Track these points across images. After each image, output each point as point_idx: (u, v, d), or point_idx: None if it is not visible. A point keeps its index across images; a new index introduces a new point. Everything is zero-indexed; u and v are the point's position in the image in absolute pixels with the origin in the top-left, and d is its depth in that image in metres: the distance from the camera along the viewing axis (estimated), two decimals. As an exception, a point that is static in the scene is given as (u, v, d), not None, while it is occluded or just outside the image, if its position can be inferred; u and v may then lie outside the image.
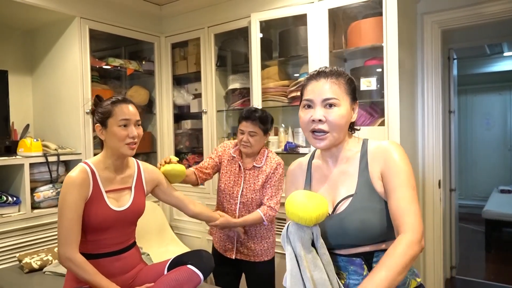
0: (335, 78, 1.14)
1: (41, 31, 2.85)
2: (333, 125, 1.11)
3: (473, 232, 5.22)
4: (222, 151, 2.18)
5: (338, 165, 1.19)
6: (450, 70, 3.35)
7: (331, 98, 1.11)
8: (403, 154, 1.11)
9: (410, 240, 0.97)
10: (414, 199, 1.04)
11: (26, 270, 2.06)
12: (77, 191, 1.46)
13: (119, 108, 1.53)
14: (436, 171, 2.66)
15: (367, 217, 1.08)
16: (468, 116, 6.58)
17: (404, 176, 1.07)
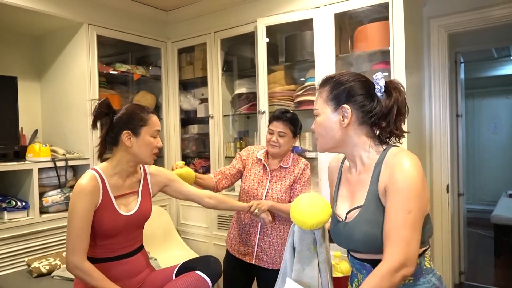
0: (322, 87, 1.19)
1: (49, 37, 2.88)
2: (316, 133, 1.19)
3: (481, 237, 5.16)
4: (246, 155, 2.17)
5: (358, 171, 1.18)
6: (457, 74, 3.34)
7: (314, 109, 1.19)
8: (408, 173, 1.03)
9: (384, 271, 0.98)
10: (404, 225, 0.99)
11: (34, 275, 2.07)
12: (87, 199, 1.46)
13: (154, 119, 1.59)
14: (444, 176, 2.64)
15: (371, 231, 1.08)
16: (476, 120, 6.53)
17: (401, 198, 1.01)
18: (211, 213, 3.00)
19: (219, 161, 2.97)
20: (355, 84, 1.13)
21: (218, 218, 2.99)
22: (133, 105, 1.61)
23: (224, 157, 2.97)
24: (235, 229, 2.15)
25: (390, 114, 1.12)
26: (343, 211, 1.18)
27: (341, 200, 1.22)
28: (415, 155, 1.09)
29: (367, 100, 1.13)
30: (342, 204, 1.21)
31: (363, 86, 1.14)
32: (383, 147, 1.15)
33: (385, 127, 1.14)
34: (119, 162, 1.57)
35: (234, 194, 2.90)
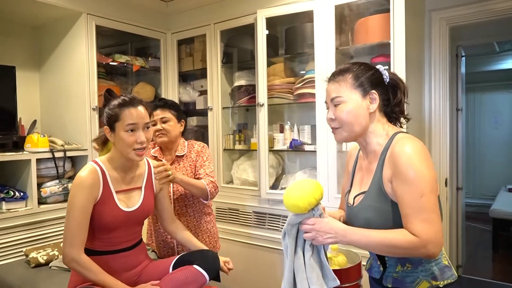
0: (340, 76, 1.20)
1: (48, 27, 2.86)
2: (342, 121, 1.17)
3: (480, 231, 5.18)
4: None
5: (368, 158, 1.23)
6: (458, 68, 3.32)
7: (335, 97, 1.18)
8: (417, 159, 1.06)
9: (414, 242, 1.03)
10: (424, 208, 1.03)
11: (32, 265, 2.08)
12: (87, 192, 1.45)
13: (127, 112, 1.48)
14: (443, 170, 2.63)
15: (371, 216, 1.14)
16: (476, 114, 6.51)
17: (412, 184, 1.04)
18: (209, 205, 3.00)
19: (218, 153, 2.97)
20: (376, 73, 1.20)
21: (217, 210, 2.99)
22: (114, 98, 1.53)
23: (223, 150, 2.97)
24: (154, 238, 2.14)
25: (401, 103, 1.22)
26: (352, 197, 1.26)
27: (354, 186, 1.29)
28: (417, 140, 1.13)
29: (385, 89, 1.21)
30: (354, 190, 1.27)
31: (379, 75, 1.21)
32: (388, 134, 1.19)
33: (399, 113, 1.23)
34: (115, 156, 1.56)
35: (233, 187, 2.91)
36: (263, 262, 2.74)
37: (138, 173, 1.65)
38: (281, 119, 2.93)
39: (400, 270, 1.15)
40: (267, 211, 2.71)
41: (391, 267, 1.18)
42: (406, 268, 1.15)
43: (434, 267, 1.14)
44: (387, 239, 1.05)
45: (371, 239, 1.07)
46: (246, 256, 2.81)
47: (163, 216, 1.77)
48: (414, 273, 1.14)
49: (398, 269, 1.16)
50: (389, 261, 1.19)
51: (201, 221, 2.11)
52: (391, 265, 1.18)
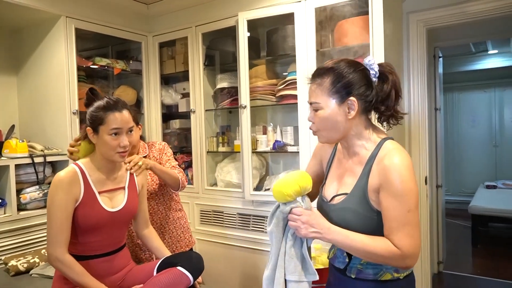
0: (319, 78, 1.16)
1: (26, 30, 2.81)
2: (319, 126, 1.17)
3: (460, 227, 5.31)
4: None
5: (350, 158, 1.21)
6: (436, 68, 3.40)
7: (313, 103, 1.16)
8: (406, 174, 1.06)
9: (394, 253, 1.05)
10: (409, 223, 1.05)
11: (12, 273, 2.03)
12: (66, 190, 1.45)
13: (112, 116, 1.48)
14: (422, 168, 2.69)
15: (351, 219, 1.14)
16: (454, 114, 6.68)
17: (401, 199, 1.05)
18: (193, 207, 2.99)
19: (201, 156, 2.96)
20: (356, 75, 1.13)
21: (201, 213, 2.98)
22: (99, 101, 1.52)
23: (206, 152, 2.97)
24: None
25: (389, 98, 1.14)
26: (330, 193, 1.23)
27: (330, 180, 1.26)
28: (405, 152, 1.12)
29: (368, 89, 1.13)
30: (330, 185, 1.25)
31: (363, 76, 1.13)
32: (378, 139, 1.16)
33: (384, 111, 1.16)
34: (97, 158, 1.56)
35: (217, 189, 2.91)
36: (248, 263, 2.75)
37: (120, 173, 1.64)
38: (264, 121, 2.95)
39: (365, 262, 1.17)
40: (251, 212, 2.72)
41: (357, 259, 1.19)
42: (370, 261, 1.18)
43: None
44: (369, 247, 1.07)
45: (355, 243, 1.09)
46: (231, 258, 2.81)
47: (138, 219, 1.75)
48: (378, 266, 1.16)
49: (363, 261, 1.18)
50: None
51: (173, 218, 2.15)
52: (356, 257, 1.19)
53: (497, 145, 6.38)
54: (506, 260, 3.97)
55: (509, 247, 4.41)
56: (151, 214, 2.07)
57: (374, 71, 1.14)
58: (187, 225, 2.23)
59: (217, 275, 2.87)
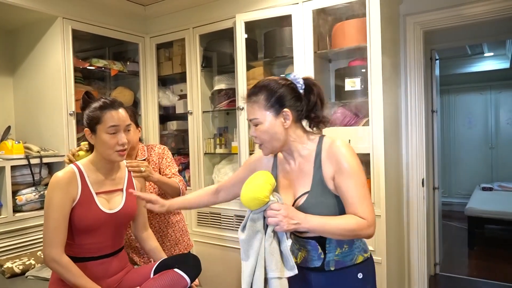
0: (254, 97, 1.29)
1: (22, 30, 2.80)
2: (261, 139, 1.29)
3: (456, 229, 5.32)
4: None
5: (296, 162, 1.34)
6: (433, 70, 3.41)
7: (253, 119, 1.29)
8: (353, 157, 1.25)
9: (362, 223, 1.20)
10: (366, 197, 1.23)
11: (7, 275, 2.01)
12: (63, 191, 1.44)
13: (108, 114, 1.48)
14: (419, 170, 2.70)
15: (322, 211, 1.25)
16: (451, 116, 6.70)
17: (356, 178, 1.22)
18: (190, 209, 2.99)
19: (199, 157, 2.96)
20: (286, 89, 1.28)
21: (198, 215, 2.98)
22: (94, 101, 1.53)
23: (203, 154, 2.96)
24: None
25: (316, 106, 1.30)
26: (289, 199, 1.33)
27: (282, 190, 1.36)
28: (346, 141, 1.30)
29: (298, 100, 1.29)
30: (284, 194, 1.34)
31: (291, 89, 1.28)
32: (314, 138, 1.32)
33: (314, 118, 1.32)
34: (96, 158, 1.55)
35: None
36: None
37: (119, 175, 1.63)
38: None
39: (340, 252, 1.30)
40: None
41: (331, 252, 1.30)
42: (344, 249, 1.30)
43: (361, 243, 1.35)
44: (343, 225, 1.20)
45: (329, 226, 1.20)
46: (228, 259, 2.81)
47: (137, 221, 1.74)
48: (351, 252, 1.31)
49: (338, 252, 1.30)
50: (328, 247, 1.31)
51: (172, 221, 2.13)
52: (331, 250, 1.30)
53: (493, 147, 6.41)
54: (502, 262, 3.98)
55: (505, 249, 4.43)
56: (150, 218, 2.05)
57: (300, 84, 1.29)
58: (186, 227, 2.23)
59: (214, 276, 2.86)
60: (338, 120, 2.47)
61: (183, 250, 2.15)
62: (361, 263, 1.32)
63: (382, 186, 2.24)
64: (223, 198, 1.61)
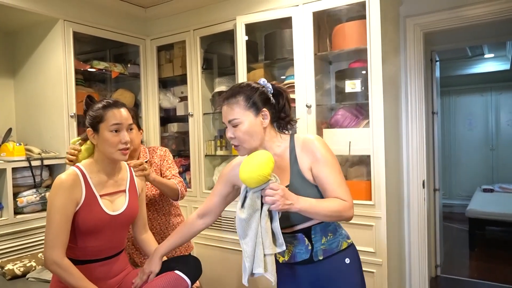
0: (233, 98, 1.35)
1: (23, 33, 2.81)
2: (241, 139, 1.33)
3: (457, 231, 5.31)
4: None
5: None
6: (433, 72, 3.41)
7: (233, 119, 1.33)
8: (326, 147, 1.36)
9: (345, 204, 1.30)
10: (343, 182, 1.33)
11: (8, 277, 2.02)
12: (66, 193, 1.44)
13: (111, 113, 1.50)
14: (420, 172, 2.70)
15: None
16: (451, 117, 6.70)
17: (332, 166, 1.32)
18: (191, 211, 2.99)
19: (199, 159, 2.96)
20: (262, 90, 1.37)
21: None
22: (97, 101, 1.56)
23: (204, 156, 2.96)
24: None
25: (285, 108, 1.41)
26: None
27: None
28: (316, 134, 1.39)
29: (271, 102, 1.38)
30: None
31: (265, 92, 1.38)
32: (285, 137, 1.41)
33: (284, 118, 1.42)
34: (98, 160, 1.56)
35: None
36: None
37: (120, 176, 1.64)
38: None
39: (326, 241, 1.37)
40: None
41: (318, 242, 1.36)
42: (329, 238, 1.38)
43: (343, 230, 1.44)
44: (329, 206, 1.27)
45: (318, 207, 1.26)
46: (229, 261, 2.81)
47: (137, 223, 1.74)
48: (335, 239, 1.39)
49: (324, 241, 1.37)
50: (314, 238, 1.37)
51: (172, 223, 2.13)
52: (317, 240, 1.37)
53: (494, 148, 6.41)
54: (503, 263, 3.97)
55: (506, 250, 4.42)
56: (151, 220, 2.06)
57: (269, 89, 1.39)
58: None
59: (215, 278, 2.86)
60: (338, 122, 2.48)
61: (183, 252, 2.15)
62: (346, 249, 1.40)
63: (383, 187, 2.24)
64: (210, 220, 1.59)
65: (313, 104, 2.42)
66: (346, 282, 1.38)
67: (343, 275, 1.38)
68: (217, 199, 1.56)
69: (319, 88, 2.54)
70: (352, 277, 1.39)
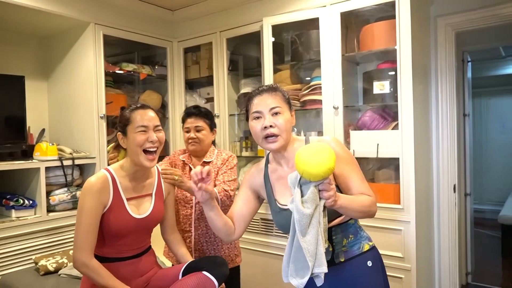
0: (273, 91, 1.37)
1: (56, 37, 2.90)
2: (281, 129, 1.32)
3: (488, 237, 5.12)
4: (173, 159, 2.10)
5: (290, 164, 1.38)
6: (464, 73, 3.31)
7: (275, 107, 1.33)
8: (343, 146, 1.37)
9: (372, 200, 1.31)
10: (363, 178, 1.35)
11: (42, 273, 2.09)
12: (96, 197, 1.47)
13: (137, 115, 1.54)
14: (451, 176, 2.62)
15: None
16: (483, 120, 6.48)
17: (352, 163, 1.34)
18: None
19: (225, 160, 2.97)
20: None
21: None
22: (125, 106, 1.61)
23: (229, 156, 2.97)
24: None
25: None
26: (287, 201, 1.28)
27: (281, 194, 1.39)
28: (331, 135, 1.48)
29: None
30: (284, 196, 1.37)
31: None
32: (301, 139, 1.41)
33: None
34: (127, 164, 1.59)
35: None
36: (271, 269, 2.73)
37: (149, 181, 1.66)
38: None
39: (347, 243, 1.35)
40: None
41: (339, 244, 1.35)
42: (350, 239, 1.36)
43: (364, 232, 1.42)
44: (362, 201, 1.27)
45: (355, 203, 1.25)
46: (253, 263, 2.80)
47: (165, 224, 1.76)
48: (357, 241, 1.37)
49: (345, 243, 1.35)
50: (335, 239, 1.34)
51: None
52: (338, 242, 1.35)
53: (528, 152, 6.15)
54: (539, 272, 3.81)
55: (541, 259, 4.23)
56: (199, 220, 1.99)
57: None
58: (235, 243, 2.10)
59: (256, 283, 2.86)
60: (366, 124, 2.44)
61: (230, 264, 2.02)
62: (368, 251, 1.37)
63: (412, 191, 2.18)
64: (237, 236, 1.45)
65: (340, 105, 2.39)
66: (368, 286, 1.34)
67: (365, 279, 1.34)
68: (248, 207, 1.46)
69: (346, 90, 2.51)
70: (374, 281, 1.35)
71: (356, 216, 1.31)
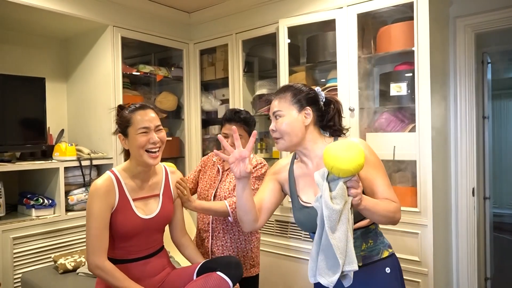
0: (282, 93, 1.39)
1: (76, 39, 2.96)
2: (281, 132, 1.35)
3: (508, 242, 5.01)
4: (205, 159, 2.11)
5: (314, 162, 1.39)
6: (484, 75, 3.24)
7: (277, 111, 1.37)
8: (371, 150, 1.34)
9: (397, 206, 1.29)
10: (390, 184, 1.32)
11: (60, 271, 2.13)
12: (102, 199, 1.48)
13: (137, 116, 1.52)
14: (470, 179, 2.57)
15: None
16: (503, 122, 6.33)
17: (379, 168, 1.32)
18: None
19: (240, 161, 2.98)
20: (312, 92, 1.40)
21: (238, 218, 2.99)
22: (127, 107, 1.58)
23: (244, 158, 2.98)
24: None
25: (334, 118, 1.43)
26: (310, 199, 1.35)
27: (304, 191, 1.40)
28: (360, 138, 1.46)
29: (319, 106, 1.40)
30: (306, 194, 1.39)
31: (315, 95, 1.40)
32: (328, 139, 1.41)
33: (332, 126, 1.43)
34: (131, 165, 1.59)
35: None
36: (286, 271, 2.72)
37: (155, 180, 1.66)
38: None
39: (366, 248, 1.34)
40: (289, 219, 2.70)
41: (358, 248, 1.33)
42: (369, 245, 1.35)
43: (384, 239, 1.41)
44: (386, 206, 1.24)
45: (379, 206, 1.22)
46: (267, 265, 2.80)
47: (174, 226, 1.75)
48: (376, 246, 1.36)
49: (364, 247, 1.34)
50: (355, 243, 1.30)
51: (239, 238, 1.97)
52: (358, 246, 1.33)
53: (549, 155, 5.98)
54: (561, 279, 3.70)
55: None
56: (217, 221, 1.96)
57: (322, 97, 1.41)
58: (255, 251, 2.03)
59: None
60: (382, 126, 2.41)
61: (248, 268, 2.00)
62: (387, 258, 1.37)
63: (429, 194, 2.15)
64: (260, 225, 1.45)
65: (356, 107, 2.38)
66: None
67: (382, 285, 1.34)
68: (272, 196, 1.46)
69: (362, 91, 2.48)
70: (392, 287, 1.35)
71: (379, 220, 1.28)
